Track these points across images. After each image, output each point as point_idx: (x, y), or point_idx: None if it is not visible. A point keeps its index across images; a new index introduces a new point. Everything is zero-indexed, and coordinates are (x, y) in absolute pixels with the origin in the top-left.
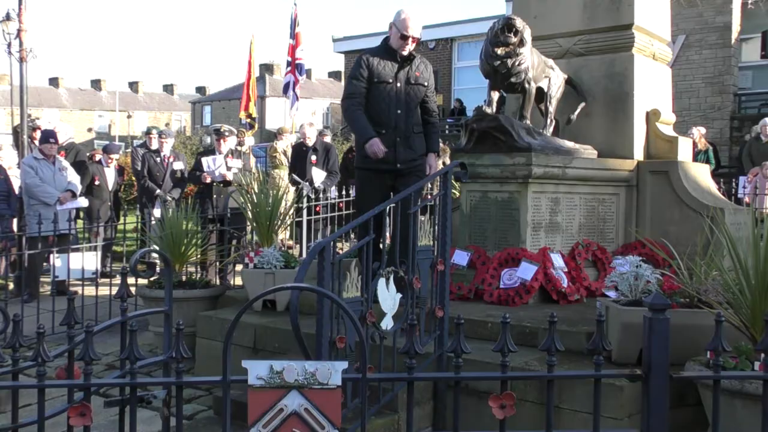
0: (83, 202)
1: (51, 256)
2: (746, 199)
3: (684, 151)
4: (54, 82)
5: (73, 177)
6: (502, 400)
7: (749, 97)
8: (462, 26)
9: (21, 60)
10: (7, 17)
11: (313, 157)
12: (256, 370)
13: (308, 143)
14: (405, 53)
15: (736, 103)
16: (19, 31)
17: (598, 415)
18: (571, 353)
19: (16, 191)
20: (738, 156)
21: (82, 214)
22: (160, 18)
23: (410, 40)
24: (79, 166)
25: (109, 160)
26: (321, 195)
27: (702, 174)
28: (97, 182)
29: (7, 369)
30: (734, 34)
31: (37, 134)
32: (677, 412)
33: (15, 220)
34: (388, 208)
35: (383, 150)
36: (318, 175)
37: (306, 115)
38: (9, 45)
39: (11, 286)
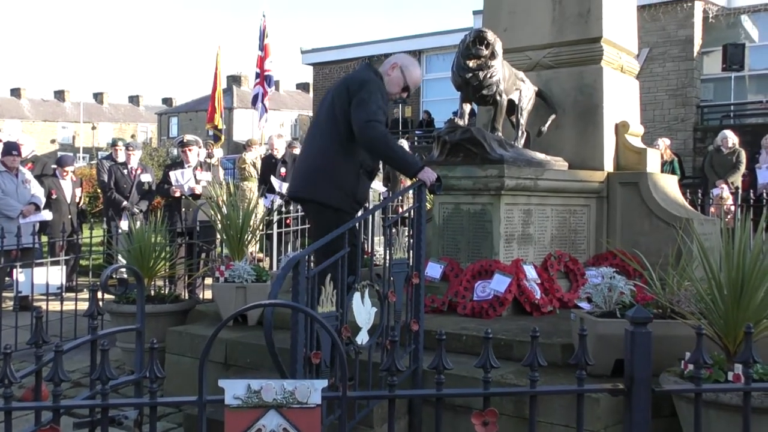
0: (47, 215)
1: (14, 270)
2: (712, 210)
3: (653, 162)
4: (16, 92)
5: (37, 190)
6: (484, 416)
7: (711, 108)
8: (430, 38)
9: None
10: None
11: (282, 170)
12: (233, 390)
13: (277, 155)
14: (390, 100)
15: (699, 115)
16: None
17: (581, 429)
18: (546, 366)
19: None
20: (701, 167)
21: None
22: (126, 28)
23: (406, 94)
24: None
25: (64, 173)
26: (292, 207)
27: (670, 185)
28: (54, 196)
29: None
30: (696, 47)
31: None
32: (652, 423)
33: None
34: (362, 222)
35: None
36: (279, 186)
37: (274, 127)
38: None
39: None
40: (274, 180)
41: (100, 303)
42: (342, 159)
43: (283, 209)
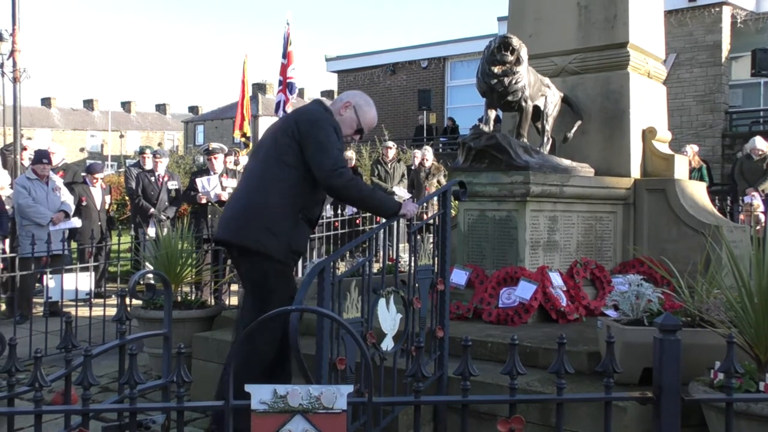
0: (76, 222)
1: (44, 276)
2: (741, 217)
3: (680, 168)
4: (46, 102)
5: (67, 197)
6: (511, 423)
7: (740, 114)
8: (455, 45)
9: (14, 80)
10: (0, 38)
11: None
12: (260, 394)
13: None
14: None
15: (728, 121)
16: (12, 51)
17: None
18: (572, 373)
19: (9, 211)
20: (730, 174)
21: (75, 235)
22: (154, 38)
23: (359, 137)
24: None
25: (94, 180)
26: None
27: (699, 192)
28: (84, 203)
29: (4, 394)
30: (724, 53)
31: (25, 155)
32: None
33: (7, 241)
34: (387, 228)
35: None
36: None
37: None
38: (2, 65)
39: (3, 307)
40: None
41: (128, 309)
42: (279, 202)
43: None
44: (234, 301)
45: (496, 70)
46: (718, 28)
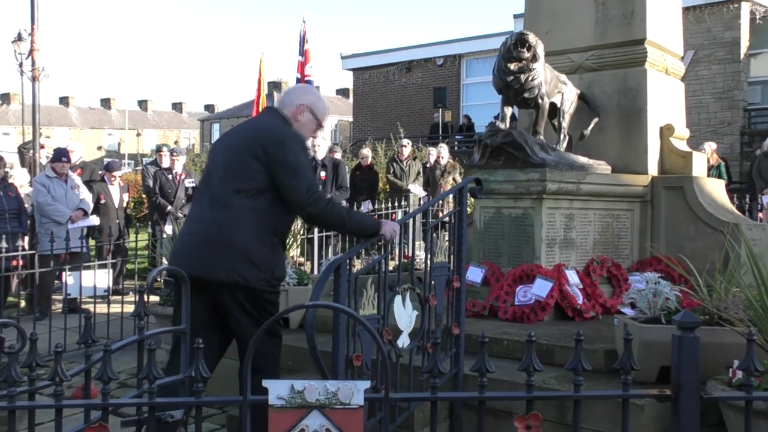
0: (95, 220)
1: (63, 273)
2: (761, 215)
3: (698, 166)
4: (64, 101)
5: (86, 195)
6: (527, 420)
7: (759, 112)
8: (470, 43)
9: (33, 79)
10: (19, 38)
11: (322, 173)
12: (277, 390)
13: (317, 157)
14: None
15: (746, 119)
16: (31, 50)
17: None
18: (588, 371)
19: (28, 209)
20: (749, 171)
21: (93, 233)
22: (170, 37)
23: (320, 131)
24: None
25: (112, 178)
26: None
27: (717, 189)
28: (102, 200)
29: (25, 389)
30: (743, 49)
31: (42, 153)
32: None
33: (26, 238)
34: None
35: None
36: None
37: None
38: (21, 65)
39: (23, 303)
40: None
41: (146, 305)
42: (254, 229)
43: None
44: None
45: (513, 67)
46: (737, 25)
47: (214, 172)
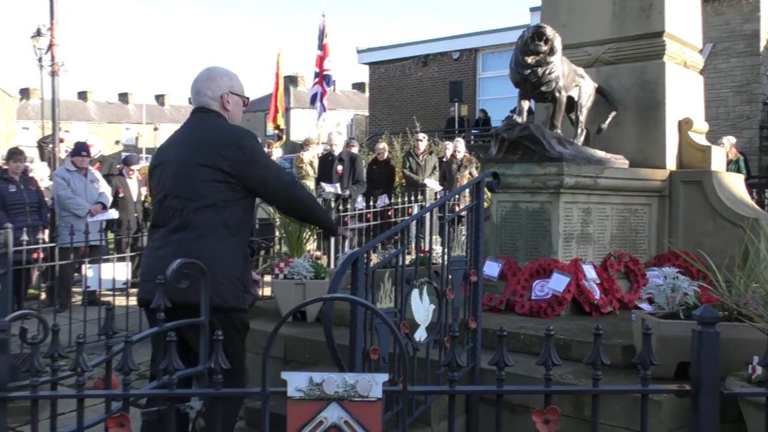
0: (114, 213)
1: (82, 266)
2: None
3: (717, 160)
4: (83, 95)
5: (105, 189)
6: (546, 414)
7: None
8: (486, 36)
9: (53, 74)
10: (38, 33)
11: (339, 167)
12: (296, 382)
13: (335, 152)
14: None
15: (765, 112)
16: (50, 45)
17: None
18: (606, 366)
19: (48, 202)
20: None
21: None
22: (186, 32)
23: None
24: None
25: (131, 172)
26: (349, 206)
27: (736, 184)
28: (121, 194)
29: (47, 379)
30: (762, 42)
31: (62, 147)
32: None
33: (47, 231)
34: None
35: None
36: (332, 188)
37: (331, 126)
38: (40, 60)
39: (43, 296)
40: (324, 185)
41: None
42: (227, 241)
43: (341, 208)
44: (267, 291)
45: (530, 60)
46: (756, 17)
47: (170, 190)
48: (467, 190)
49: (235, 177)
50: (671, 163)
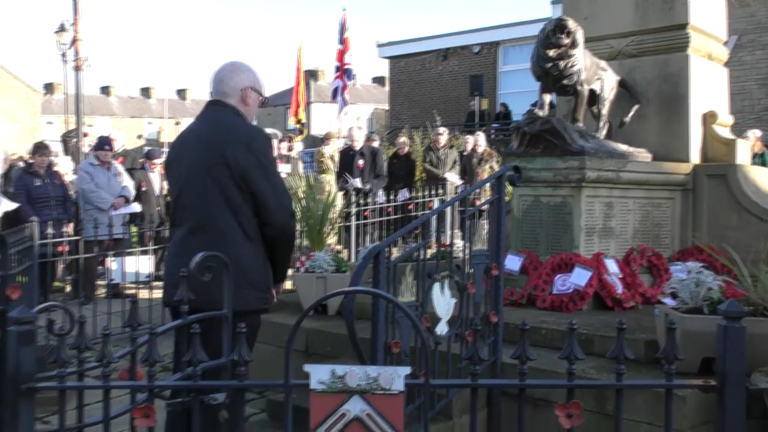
0: (136, 207)
1: (107, 259)
2: None
3: (742, 154)
4: (105, 90)
5: (128, 183)
6: (568, 408)
7: None
8: (507, 30)
9: (76, 69)
10: (62, 28)
11: (360, 161)
12: (318, 375)
13: (355, 146)
14: None
15: None
16: (74, 40)
17: (670, 427)
18: (628, 361)
19: (72, 196)
20: None
21: (135, 219)
22: (208, 27)
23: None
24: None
25: (153, 166)
26: (369, 200)
27: (762, 178)
28: (144, 188)
29: (74, 370)
30: None
31: (85, 141)
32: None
33: (71, 225)
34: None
35: None
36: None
37: (352, 121)
38: (64, 55)
39: (68, 288)
40: (348, 177)
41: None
42: (247, 244)
43: (361, 202)
44: (288, 285)
45: (551, 53)
46: None
47: (183, 188)
48: (488, 184)
49: (240, 177)
50: (695, 157)
